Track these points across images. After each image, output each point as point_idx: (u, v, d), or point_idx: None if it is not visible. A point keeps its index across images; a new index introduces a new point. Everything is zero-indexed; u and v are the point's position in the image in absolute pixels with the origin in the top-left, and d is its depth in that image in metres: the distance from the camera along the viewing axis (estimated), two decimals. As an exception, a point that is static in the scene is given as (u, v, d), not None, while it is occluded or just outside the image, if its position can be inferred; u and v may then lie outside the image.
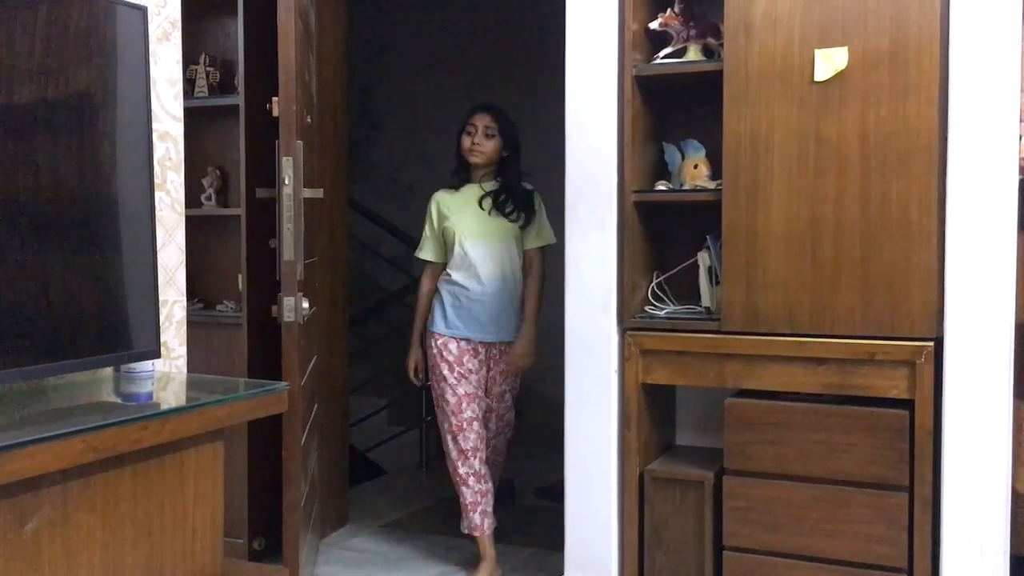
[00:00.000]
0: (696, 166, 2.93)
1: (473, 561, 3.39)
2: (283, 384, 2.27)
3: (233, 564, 2.43)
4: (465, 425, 3.31)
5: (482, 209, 3.34)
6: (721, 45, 2.77)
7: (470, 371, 3.33)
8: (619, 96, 2.88)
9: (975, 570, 2.52)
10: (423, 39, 6.22)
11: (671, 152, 3.01)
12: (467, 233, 3.33)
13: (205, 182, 3.57)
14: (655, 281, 3.01)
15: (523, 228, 3.34)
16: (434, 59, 6.14)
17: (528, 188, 3.39)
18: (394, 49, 6.32)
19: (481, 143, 3.34)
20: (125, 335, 2.15)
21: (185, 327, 2.65)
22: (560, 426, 3.04)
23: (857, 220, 2.58)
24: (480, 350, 3.35)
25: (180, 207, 2.63)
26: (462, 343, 3.33)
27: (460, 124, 3.40)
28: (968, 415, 2.52)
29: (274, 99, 2.86)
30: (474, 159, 3.36)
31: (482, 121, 3.37)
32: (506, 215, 3.33)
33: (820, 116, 2.60)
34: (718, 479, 2.81)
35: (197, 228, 3.26)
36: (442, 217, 3.39)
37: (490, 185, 3.38)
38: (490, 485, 3.37)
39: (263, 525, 3.44)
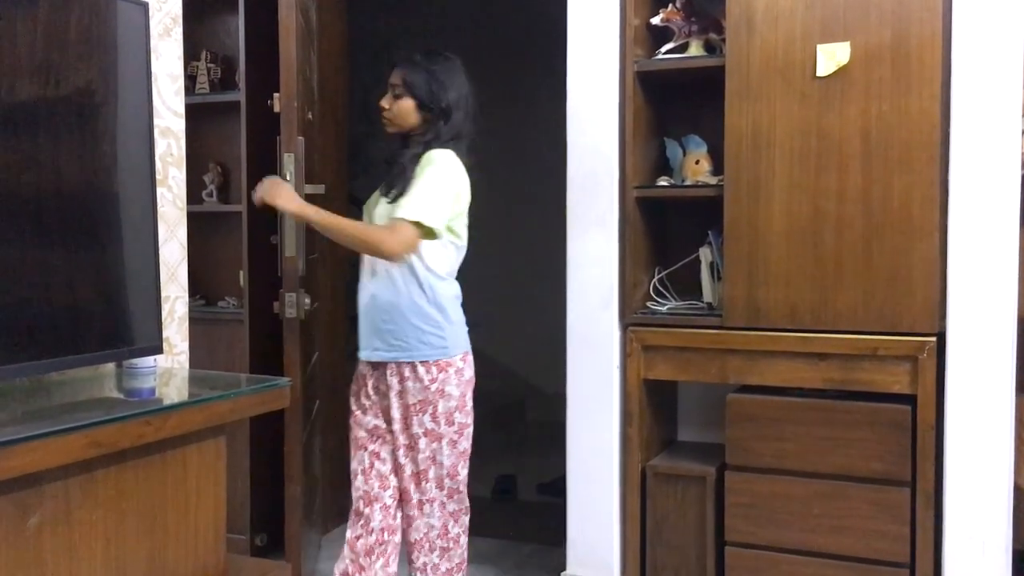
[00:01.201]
0: (698, 162, 2.93)
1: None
2: (285, 380, 2.27)
3: (235, 560, 2.43)
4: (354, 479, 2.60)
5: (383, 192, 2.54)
6: (723, 40, 2.77)
7: (367, 406, 2.55)
8: (620, 92, 2.87)
9: (977, 565, 2.52)
10: (425, 36, 6.21)
11: (672, 148, 3.01)
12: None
13: (207, 178, 3.57)
14: (657, 277, 3.01)
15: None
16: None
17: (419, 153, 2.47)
18: (395, 46, 6.31)
19: (387, 107, 2.53)
20: (127, 331, 2.15)
21: (187, 323, 2.65)
22: (561, 422, 3.04)
23: (859, 215, 2.58)
24: (371, 373, 2.54)
25: (181, 203, 2.63)
26: (363, 366, 2.58)
27: None
28: (970, 410, 2.52)
29: (275, 95, 2.85)
30: (387, 128, 2.57)
31: (393, 79, 2.53)
32: (386, 195, 2.50)
33: (822, 111, 2.60)
34: (720, 475, 2.81)
35: (199, 224, 3.26)
36: None
37: None
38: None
39: (265, 521, 3.45)
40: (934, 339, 2.54)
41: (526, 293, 5.30)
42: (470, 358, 2.54)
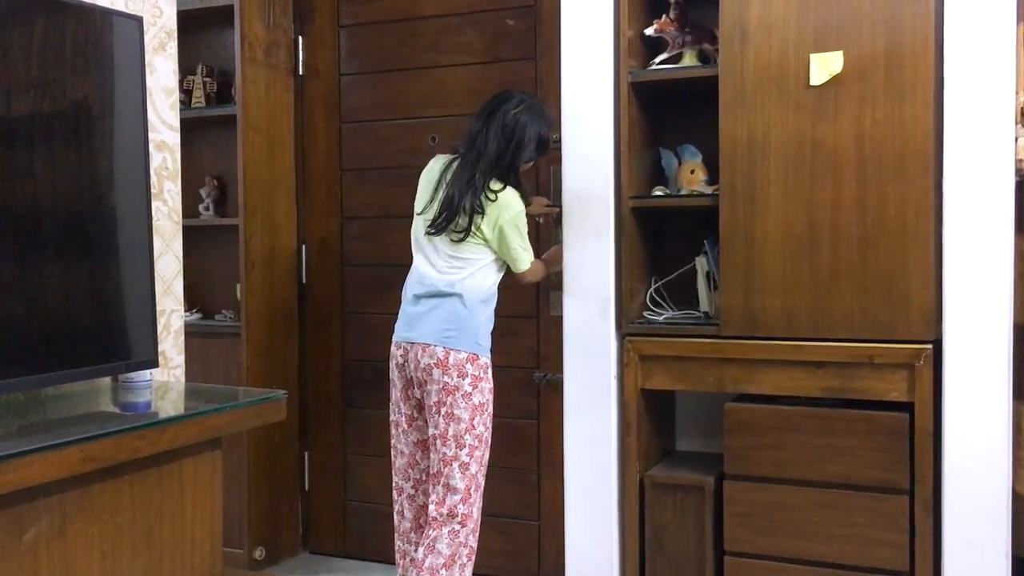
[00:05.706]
0: (693, 171, 2.93)
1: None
2: (282, 392, 2.27)
3: (233, 573, 2.42)
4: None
5: None
6: (716, 50, 2.77)
7: None
8: (615, 103, 2.88)
9: (976, 572, 2.51)
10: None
11: (668, 158, 3.01)
12: None
13: (203, 192, 3.57)
14: (653, 287, 3.01)
15: None
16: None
17: None
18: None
19: None
20: (123, 345, 2.15)
21: (183, 336, 2.65)
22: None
23: (854, 223, 2.58)
24: None
25: (177, 216, 2.63)
26: None
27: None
28: (967, 417, 2.52)
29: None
30: None
31: None
32: None
33: (816, 120, 2.61)
34: (718, 484, 2.80)
35: (196, 238, 3.27)
36: None
37: None
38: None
39: (263, 534, 3.44)
40: (930, 346, 2.54)
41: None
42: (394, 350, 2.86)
